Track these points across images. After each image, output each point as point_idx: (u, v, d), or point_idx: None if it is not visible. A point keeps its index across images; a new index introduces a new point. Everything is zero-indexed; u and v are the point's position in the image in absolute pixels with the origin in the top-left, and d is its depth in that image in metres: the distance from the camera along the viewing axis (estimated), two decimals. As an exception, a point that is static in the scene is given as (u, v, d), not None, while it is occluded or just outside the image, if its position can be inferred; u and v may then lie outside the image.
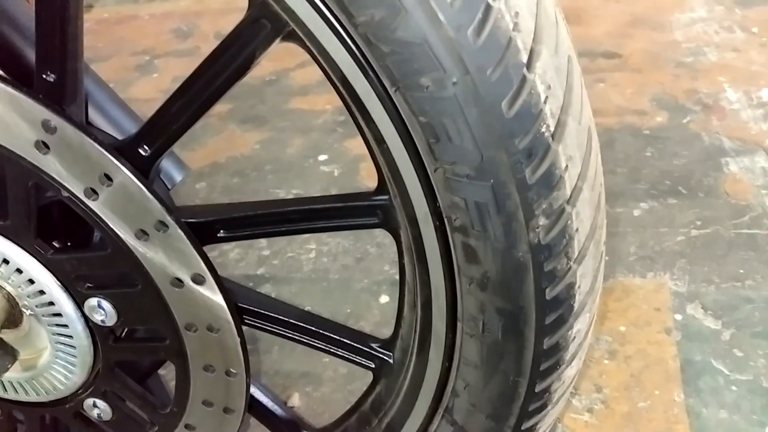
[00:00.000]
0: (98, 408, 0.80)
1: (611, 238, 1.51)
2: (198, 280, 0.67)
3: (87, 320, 0.72)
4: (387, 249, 1.55)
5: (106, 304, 0.70)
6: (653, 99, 1.98)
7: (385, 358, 0.79)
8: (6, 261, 0.70)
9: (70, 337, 0.73)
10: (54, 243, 0.70)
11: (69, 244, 0.71)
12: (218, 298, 0.68)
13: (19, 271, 0.70)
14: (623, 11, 2.45)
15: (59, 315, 0.72)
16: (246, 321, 0.78)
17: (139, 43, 2.66)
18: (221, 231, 0.73)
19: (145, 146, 0.66)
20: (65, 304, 0.71)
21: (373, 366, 0.80)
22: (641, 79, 2.07)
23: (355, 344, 0.79)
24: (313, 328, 0.79)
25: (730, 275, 1.39)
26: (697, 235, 1.50)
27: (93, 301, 0.70)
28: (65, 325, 0.72)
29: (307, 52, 0.60)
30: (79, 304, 0.71)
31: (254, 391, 0.86)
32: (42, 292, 0.71)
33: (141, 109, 0.68)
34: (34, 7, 0.63)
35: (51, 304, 0.71)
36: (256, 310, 0.78)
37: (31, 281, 0.71)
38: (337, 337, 0.79)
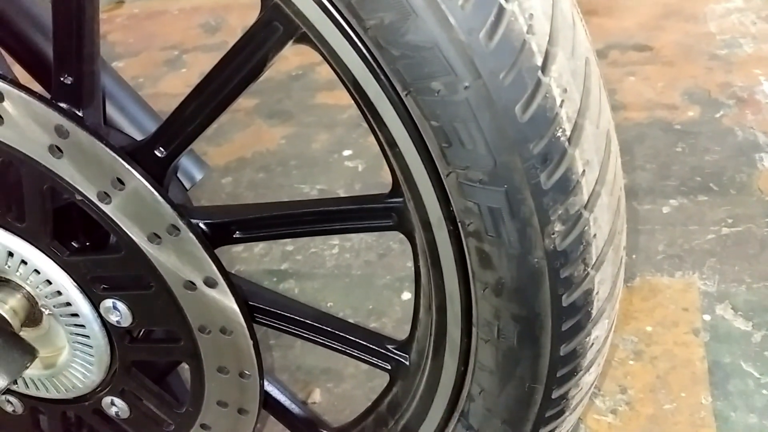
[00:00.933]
0: (116, 406, 0.81)
1: (639, 236, 1.48)
2: (210, 283, 0.67)
3: (103, 321, 0.73)
4: (410, 246, 1.54)
5: (121, 305, 0.71)
6: (685, 93, 1.93)
7: (401, 359, 0.79)
8: (24, 262, 0.71)
9: (87, 336, 0.74)
10: (70, 245, 0.71)
11: (85, 245, 0.72)
12: (230, 302, 0.68)
13: (37, 271, 0.71)
14: (656, 2, 2.39)
15: (76, 315, 0.73)
16: (261, 321, 0.78)
17: (168, 38, 2.68)
18: (237, 232, 0.73)
19: (161, 148, 0.67)
20: (82, 304, 0.72)
21: (389, 367, 0.80)
22: (673, 73, 2.02)
23: (371, 345, 0.79)
24: (329, 329, 0.79)
25: (762, 275, 1.35)
26: (728, 233, 1.46)
27: (108, 303, 0.71)
28: (82, 325, 0.73)
29: (320, 55, 0.59)
30: (95, 305, 0.72)
31: (272, 389, 0.86)
32: (59, 293, 0.72)
33: (169, 104, 0.68)
34: (51, 12, 0.64)
35: (68, 304, 0.72)
36: (271, 309, 0.78)
37: (49, 282, 0.71)
38: (353, 338, 0.79)
